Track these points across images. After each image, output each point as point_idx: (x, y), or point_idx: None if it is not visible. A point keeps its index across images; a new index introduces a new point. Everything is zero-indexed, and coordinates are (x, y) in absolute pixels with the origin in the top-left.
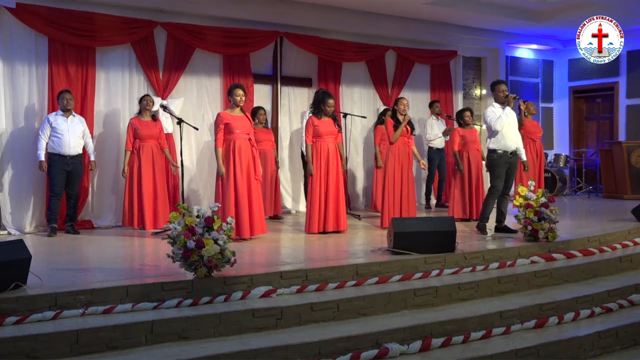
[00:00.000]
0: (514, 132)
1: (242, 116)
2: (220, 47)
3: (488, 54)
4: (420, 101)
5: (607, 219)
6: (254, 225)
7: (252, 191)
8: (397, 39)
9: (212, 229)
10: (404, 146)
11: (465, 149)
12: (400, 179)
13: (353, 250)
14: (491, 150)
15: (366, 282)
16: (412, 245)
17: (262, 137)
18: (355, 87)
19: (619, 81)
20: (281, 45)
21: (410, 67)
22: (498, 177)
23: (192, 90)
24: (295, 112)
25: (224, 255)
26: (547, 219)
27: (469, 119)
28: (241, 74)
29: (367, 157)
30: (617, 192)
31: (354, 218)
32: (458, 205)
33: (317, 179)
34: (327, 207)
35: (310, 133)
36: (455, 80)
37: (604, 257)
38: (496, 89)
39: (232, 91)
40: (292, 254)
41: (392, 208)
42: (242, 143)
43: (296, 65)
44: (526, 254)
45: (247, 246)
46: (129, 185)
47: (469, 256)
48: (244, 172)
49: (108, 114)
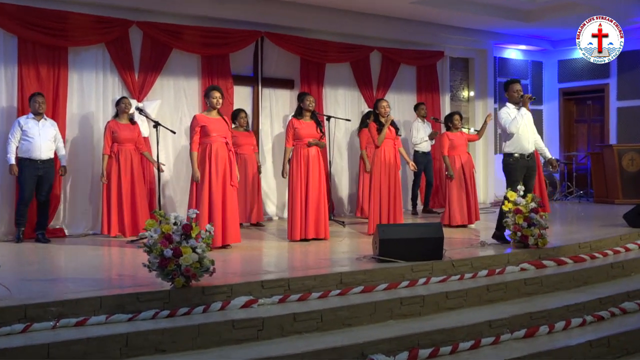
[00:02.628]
0: (531, 133)
1: (219, 119)
2: (199, 48)
3: (476, 54)
4: (406, 103)
5: (598, 224)
6: (227, 234)
7: (226, 198)
8: (382, 39)
9: (190, 236)
10: (390, 149)
11: (456, 152)
12: (387, 183)
13: (337, 258)
14: (507, 154)
15: (351, 291)
16: (398, 252)
17: (243, 141)
18: (339, 88)
19: (609, 83)
20: (262, 45)
21: (396, 68)
22: (516, 182)
23: (169, 92)
24: (277, 115)
25: (203, 264)
26: (537, 224)
27: (458, 122)
28: (220, 76)
29: (352, 162)
30: (608, 196)
31: (338, 225)
32: (456, 211)
33: (297, 184)
34: (308, 214)
35: (290, 136)
36: (442, 81)
37: (596, 263)
38: (510, 88)
39: (208, 93)
40: (274, 263)
41: (379, 214)
42: (219, 147)
43: (278, 66)
44: (516, 261)
45: (227, 255)
46: (107, 191)
47: (457, 264)
48: (220, 178)
49: (81, 117)
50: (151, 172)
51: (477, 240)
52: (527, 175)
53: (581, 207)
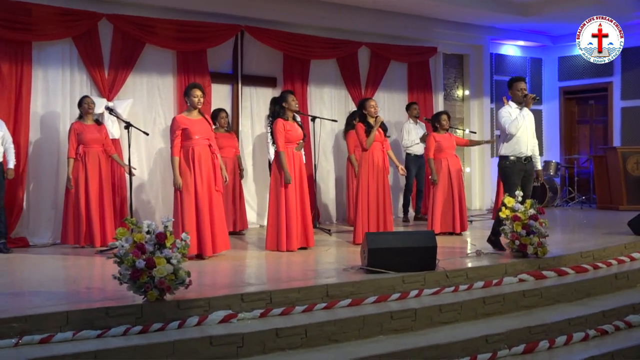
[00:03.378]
0: (531, 136)
1: (201, 119)
2: (174, 42)
3: (471, 51)
4: (397, 103)
5: (601, 232)
6: (217, 242)
7: (213, 204)
8: (370, 34)
9: (164, 246)
10: (379, 152)
11: (443, 155)
12: (375, 189)
13: (323, 269)
14: (503, 157)
15: (337, 304)
16: (388, 263)
17: (225, 143)
18: (324, 87)
19: (613, 81)
20: (242, 40)
21: (386, 65)
22: (514, 185)
23: (142, 90)
24: (258, 115)
25: (178, 275)
26: (536, 232)
27: (445, 123)
28: (197, 73)
29: (338, 165)
30: (612, 202)
31: (324, 233)
32: (438, 217)
33: (291, 191)
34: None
35: (282, 138)
36: (435, 79)
37: (599, 274)
38: (514, 86)
39: (189, 92)
40: (255, 274)
41: (367, 222)
42: (202, 150)
43: (259, 63)
44: (514, 272)
45: (204, 266)
46: (73, 196)
47: (451, 275)
48: (205, 183)
49: (46, 117)
50: (122, 177)
51: (472, 250)
52: (525, 180)
53: (583, 214)
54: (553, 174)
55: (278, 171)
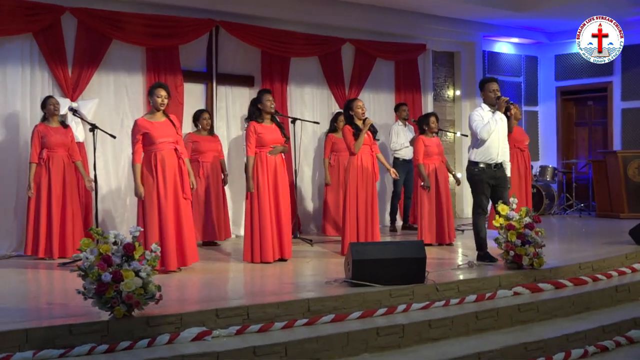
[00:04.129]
0: (503, 141)
1: (165, 122)
2: (143, 38)
3: (462, 48)
4: (383, 103)
5: (601, 241)
6: (184, 254)
7: (180, 213)
8: (355, 29)
9: (132, 258)
10: (368, 156)
11: (430, 160)
12: (364, 196)
13: (304, 283)
14: (472, 163)
15: (320, 320)
16: (374, 275)
17: (207, 147)
18: (305, 86)
19: (613, 81)
20: (217, 36)
21: (371, 63)
22: (481, 193)
23: (109, 90)
24: (234, 117)
25: (147, 290)
26: (532, 242)
27: (434, 125)
28: (168, 71)
29: (321, 171)
30: (612, 210)
31: (305, 244)
32: (428, 227)
33: (265, 199)
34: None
35: (252, 142)
36: (424, 79)
37: (598, 286)
38: (486, 87)
39: (152, 92)
40: (231, 288)
41: (356, 231)
42: (166, 154)
43: (235, 60)
44: (508, 284)
45: (175, 279)
46: (34, 204)
47: (441, 287)
48: (170, 191)
49: (5, 119)
50: None
51: (464, 261)
52: (499, 186)
53: (582, 222)
54: (550, 179)
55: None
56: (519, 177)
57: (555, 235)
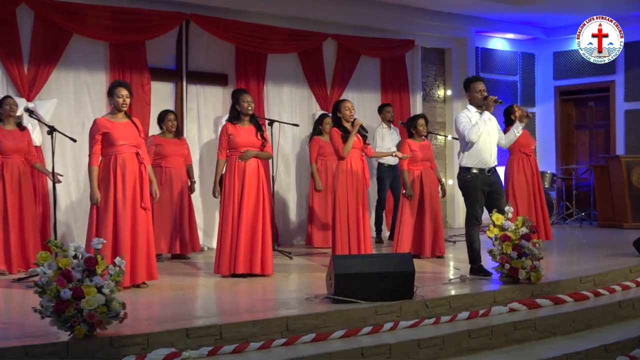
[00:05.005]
0: (493, 144)
1: (127, 123)
2: (107, 33)
3: (453, 44)
4: (368, 104)
5: (603, 253)
6: (138, 270)
7: (137, 223)
8: (338, 24)
9: (94, 273)
10: (358, 161)
11: (415, 166)
12: (355, 203)
13: (282, 299)
14: (463, 169)
15: (299, 340)
16: (359, 290)
17: (172, 151)
18: (284, 85)
19: (615, 80)
20: (187, 30)
21: (355, 60)
22: (475, 202)
23: (69, 89)
24: (206, 118)
25: (111, 307)
26: (529, 254)
27: (423, 128)
28: (134, 68)
29: (301, 177)
30: (615, 219)
31: (284, 256)
32: (405, 237)
33: (229, 206)
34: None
35: (224, 144)
36: (413, 77)
37: (600, 302)
38: (471, 88)
39: (112, 91)
40: (202, 305)
41: (347, 243)
42: (127, 158)
43: (207, 57)
44: (503, 300)
45: (141, 296)
46: None
47: (431, 304)
48: (128, 198)
49: None
50: (45, 191)
51: (455, 275)
52: (495, 193)
53: (583, 233)
54: (548, 186)
55: (227, 183)
56: (527, 185)
57: (554, 247)
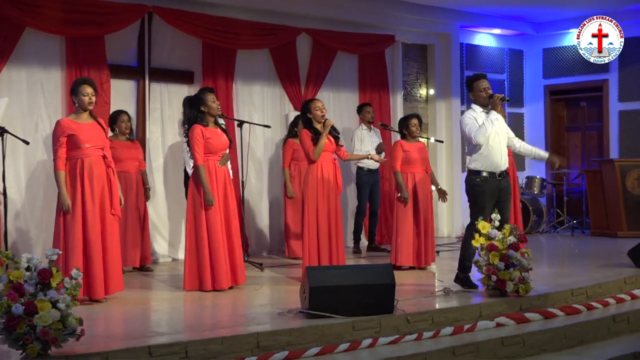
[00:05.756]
0: (503, 145)
1: (93, 124)
2: (62, 26)
3: (437, 40)
4: (345, 104)
5: (596, 264)
6: (110, 280)
7: (107, 232)
8: (312, 18)
9: (49, 286)
10: (330, 165)
11: (409, 169)
12: (326, 210)
13: (252, 314)
14: (472, 172)
15: (271, 357)
16: (335, 304)
17: (126, 154)
18: (254, 84)
19: (609, 79)
20: (150, 24)
21: (332, 57)
22: (483, 209)
23: (21, 87)
24: (171, 119)
25: (67, 324)
26: (517, 265)
27: (416, 129)
28: (92, 65)
29: (273, 183)
30: (609, 227)
31: (255, 268)
32: (403, 247)
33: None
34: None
35: (201, 149)
36: (393, 75)
37: (593, 316)
38: (475, 86)
39: (77, 89)
40: (167, 320)
41: (317, 254)
42: (94, 162)
43: (172, 53)
44: (490, 314)
45: (100, 311)
46: None
47: (413, 318)
48: (97, 205)
49: None
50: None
51: (439, 287)
52: (501, 201)
53: (574, 242)
54: (537, 192)
55: (197, 190)
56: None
57: (544, 257)
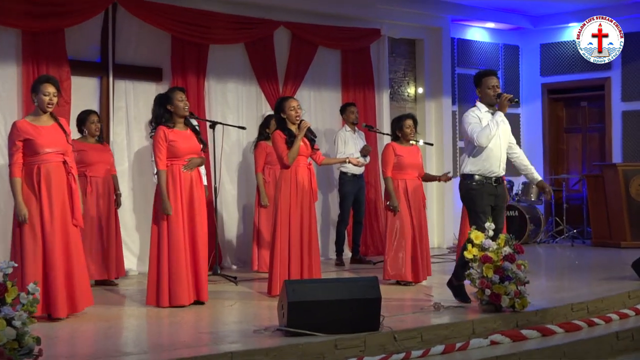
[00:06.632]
0: (503, 150)
1: (53, 126)
2: (19, 18)
3: (426, 34)
4: (327, 103)
5: (598, 276)
6: (76, 296)
7: (70, 244)
8: (291, 10)
9: (3, 302)
10: (305, 170)
11: (401, 175)
12: (299, 219)
13: (226, 332)
14: (466, 176)
15: None
16: (316, 321)
17: (95, 158)
18: (228, 82)
19: (611, 77)
20: (114, 17)
21: (312, 52)
22: (482, 213)
23: None
24: (137, 120)
25: (23, 343)
26: (513, 278)
27: (410, 131)
28: (51, 61)
29: (247, 189)
30: (611, 237)
31: (228, 282)
32: (392, 260)
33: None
34: (182, 267)
35: (163, 152)
36: (379, 73)
37: (595, 333)
38: (483, 83)
39: (38, 87)
40: (132, 339)
41: (288, 266)
42: (53, 169)
43: (138, 48)
44: (484, 332)
45: (62, 328)
46: None
47: (400, 336)
48: (57, 215)
49: None
50: None
51: (427, 302)
52: (496, 208)
53: (575, 253)
54: (535, 199)
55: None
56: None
57: (542, 270)
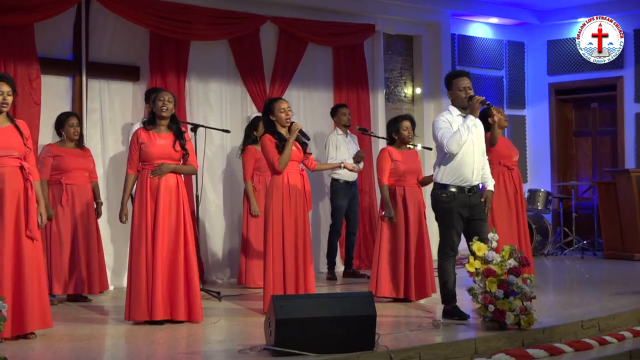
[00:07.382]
0: (478, 155)
1: (9, 128)
2: None
3: (424, 30)
4: (318, 104)
5: (610, 291)
6: (26, 316)
7: (23, 258)
8: (279, 4)
9: None
10: (297, 176)
11: (399, 182)
12: (294, 229)
13: (210, 351)
14: (438, 186)
15: None
16: (306, 340)
17: (75, 164)
18: (211, 81)
19: (623, 76)
20: (88, 11)
21: (302, 49)
22: (451, 227)
23: None
24: (112, 122)
25: None
26: (518, 293)
27: (408, 133)
28: (19, 58)
29: (232, 197)
30: (624, 249)
31: (212, 298)
32: (385, 275)
33: (142, 235)
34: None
35: (134, 156)
36: (373, 71)
37: (607, 352)
38: (454, 85)
39: None
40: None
41: (282, 280)
42: (7, 174)
43: (113, 45)
44: (487, 351)
45: (30, 349)
46: None
47: (397, 356)
48: (9, 226)
49: None
50: None
51: (426, 319)
52: (476, 219)
53: (585, 266)
54: (542, 208)
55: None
56: (508, 206)
57: (550, 284)
